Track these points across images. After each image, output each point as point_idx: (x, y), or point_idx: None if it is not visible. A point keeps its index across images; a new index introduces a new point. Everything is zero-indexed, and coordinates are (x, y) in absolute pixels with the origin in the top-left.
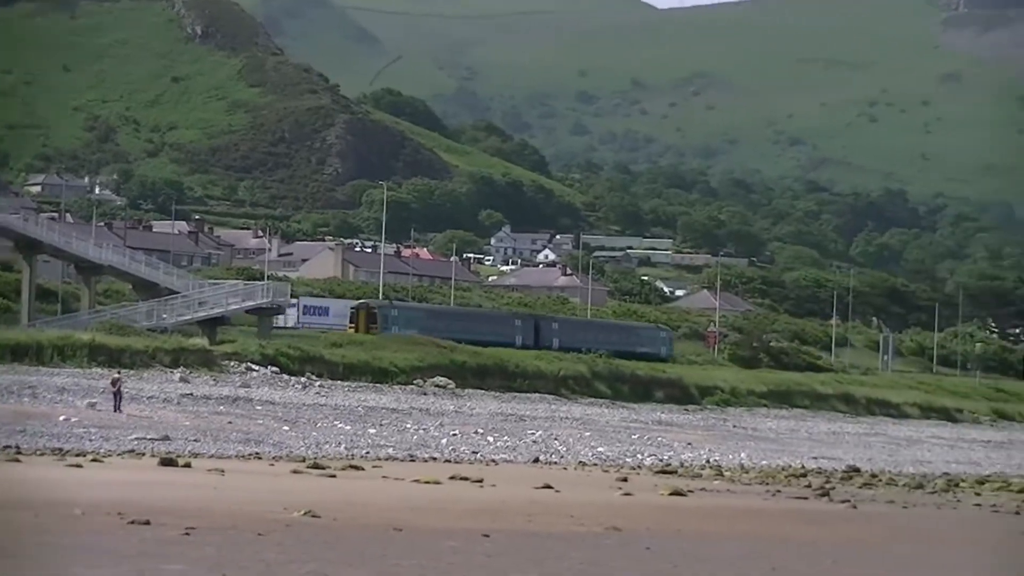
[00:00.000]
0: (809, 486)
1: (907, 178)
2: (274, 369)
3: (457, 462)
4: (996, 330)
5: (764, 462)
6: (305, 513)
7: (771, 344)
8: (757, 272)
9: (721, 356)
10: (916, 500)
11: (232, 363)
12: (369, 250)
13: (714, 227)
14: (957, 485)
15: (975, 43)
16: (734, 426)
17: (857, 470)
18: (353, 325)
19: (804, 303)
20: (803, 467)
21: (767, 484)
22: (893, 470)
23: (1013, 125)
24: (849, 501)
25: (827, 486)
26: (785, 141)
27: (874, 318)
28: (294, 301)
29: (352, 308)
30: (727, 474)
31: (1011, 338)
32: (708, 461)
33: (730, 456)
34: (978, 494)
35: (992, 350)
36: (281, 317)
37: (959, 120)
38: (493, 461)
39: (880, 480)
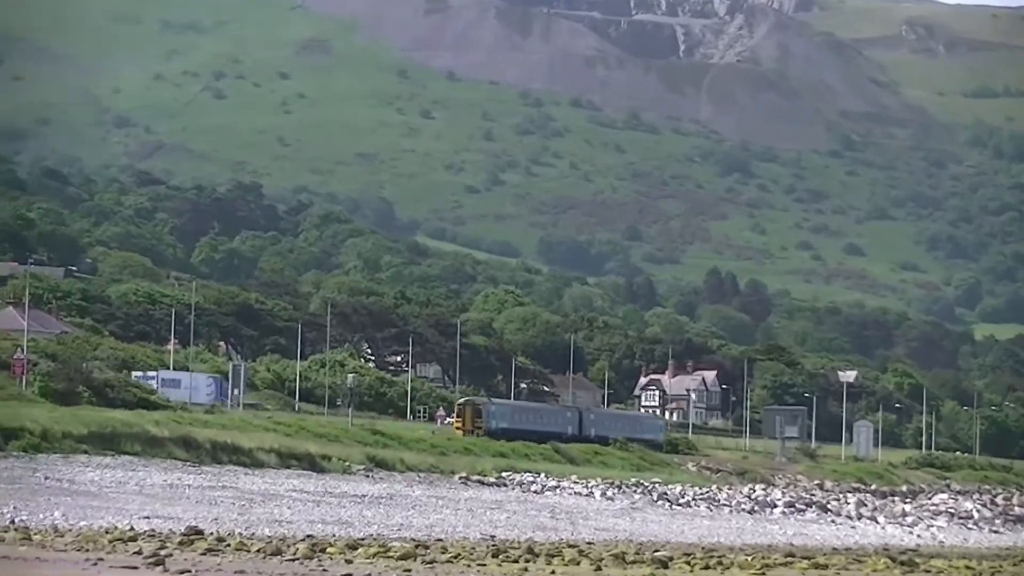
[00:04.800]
0: (140, 552)
1: (262, 169)
2: None
3: None
4: (373, 358)
5: (83, 523)
6: None
7: (93, 375)
8: (75, 285)
9: (31, 390)
10: (273, 569)
11: None
12: None
13: (22, 228)
14: (324, 550)
15: (344, 3)
16: (46, 478)
17: (200, 532)
18: (460, 419)
19: (134, 324)
20: (132, 529)
21: (87, 551)
22: (245, 532)
23: (391, 104)
24: (189, 572)
25: (162, 552)
26: (110, 122)
27: (222, 343)
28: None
29: (459, 404)
30: (37, 538)
31: (391, 368)
32: (13, 521)
33: (41, 516)
34: (349, 561)
35: (367, 383)
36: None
37: (325, 98)
38: None
39: (228, 545)
